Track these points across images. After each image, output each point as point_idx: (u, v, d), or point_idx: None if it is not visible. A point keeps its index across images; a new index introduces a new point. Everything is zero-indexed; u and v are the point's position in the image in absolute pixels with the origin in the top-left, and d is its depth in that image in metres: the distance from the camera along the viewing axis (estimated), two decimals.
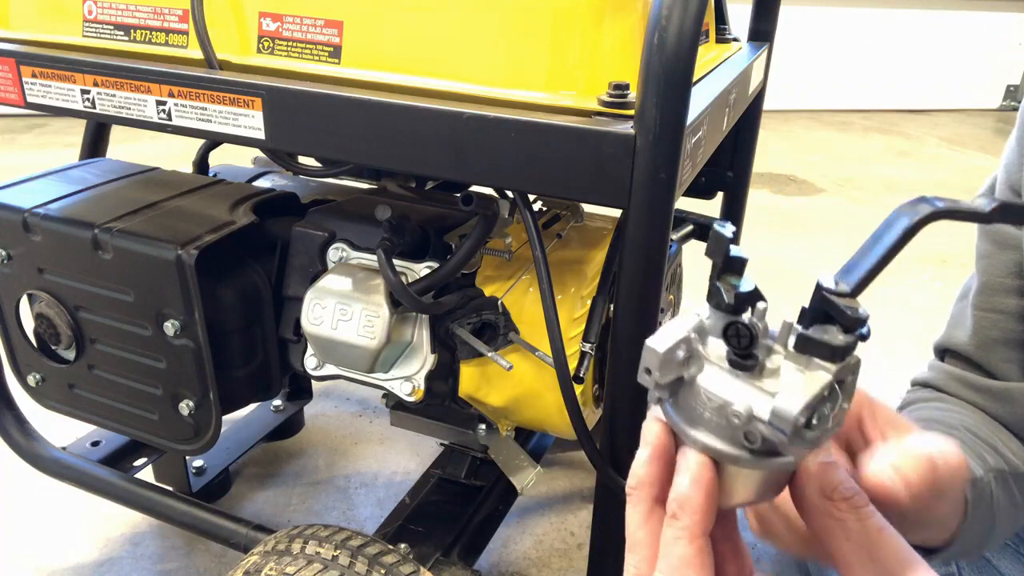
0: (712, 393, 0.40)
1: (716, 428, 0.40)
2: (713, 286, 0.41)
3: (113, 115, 0.79)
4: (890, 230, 0.41)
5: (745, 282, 0.40)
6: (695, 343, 0.41)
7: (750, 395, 0.39)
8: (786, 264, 2.43)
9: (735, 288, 0.40)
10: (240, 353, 0.91)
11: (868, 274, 0.39)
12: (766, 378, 0.39)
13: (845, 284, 0.39)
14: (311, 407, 1.55)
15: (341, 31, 0.72)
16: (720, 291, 0.40)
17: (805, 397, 0.36)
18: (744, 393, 0.39)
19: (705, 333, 0.41)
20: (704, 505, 0.39)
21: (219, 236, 0.84)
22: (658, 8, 0.55)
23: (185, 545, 1.23)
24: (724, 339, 0.40)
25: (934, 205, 0.42)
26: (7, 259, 0.91)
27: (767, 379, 0.39)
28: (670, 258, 0.98)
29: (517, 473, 0.98)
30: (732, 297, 0.39)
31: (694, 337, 0.41)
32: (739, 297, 0.39)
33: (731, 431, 0.39)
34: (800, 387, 0.37)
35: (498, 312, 0.85)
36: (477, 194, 0.76)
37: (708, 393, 0.40)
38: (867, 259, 0.40)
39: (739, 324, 0.39)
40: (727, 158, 1.21)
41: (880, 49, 4.73)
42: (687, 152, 0.62)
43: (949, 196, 0.43)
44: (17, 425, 1.10)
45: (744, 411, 0.38)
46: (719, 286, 0.40)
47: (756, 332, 0.39)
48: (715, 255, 0.41)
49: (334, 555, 0.76)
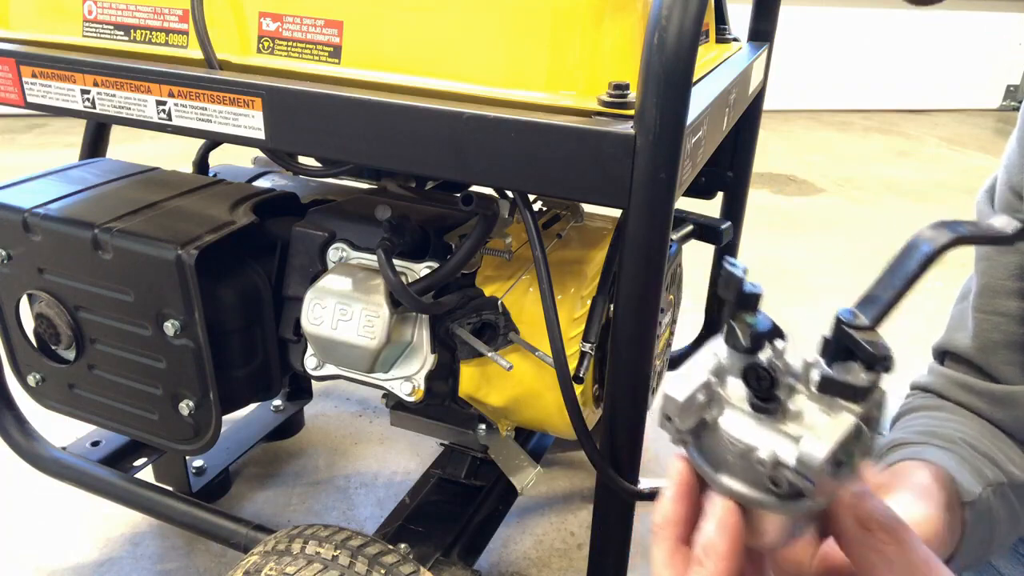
0: (735, 438, 0.39)
1: (741, 473, 0.39)
2: (728, 326, 0.39)
3: (113, 115, 0.79)
4: (909, 258, 0.40)
5: (761, 319, 0.39)
6: (715, 386, 0.40)
7: (774, 440, 0.38)
8: (786, 264, 2.43)
9: (751, 327, 0.39)
10: (240, 353, 0.91)
11: (888, 305, 0.38)
12: (790, 421, 0.38)
13: (865, 317, 0.38)
14: (311, 407, 1.55)
15: (341, 31, 0.72)
16: (736, 331, 0.39)
17: (830, 443, 0.35)
18: (768, 438, 0.38)
19: (724, 374, 0.40)
20: (730, 551, 0.38)
21: (219, 236, 0.84)
22: (658, 8, 0.55)
23: (185, 545, 1.23)
24: (744, 381, 0.39)
25: (956, 231, 0.41)
26: (7, 259, 0.91)
27: (791, 422, 0.38)
28: (670, 258, 0.98)
29: (517, 473, 0.98)
30: (749, 337, 0.38)
31: (714, 380, 0.40)
32: (756, 336, 0.38)
33: (756, 476, 0.38)
34: (825, 432, 0.36)
35: (498, 312, 0.85)
36: (477, 194, 0.76)
37: (731, 438, 0.39)
38: (887, 290, 0.39)
39: (758, 367, 0.38)
40: (727, 158, 1.21)
41: (880, 49, 4.73)
42: (687, 152, 0.62)
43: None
44: (17, 425, 1.10)
45: (769, 457, 0.37)
46: (734, 325, 0.39)
47: (776, 374, 0.38)
48: (728, 293, 0.40)
49: (334, 555, 0.76)
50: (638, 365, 0.67)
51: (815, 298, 2.19)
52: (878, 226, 2.81)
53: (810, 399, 0.38)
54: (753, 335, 0.38)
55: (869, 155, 3.83)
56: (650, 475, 1.53)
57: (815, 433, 0.36)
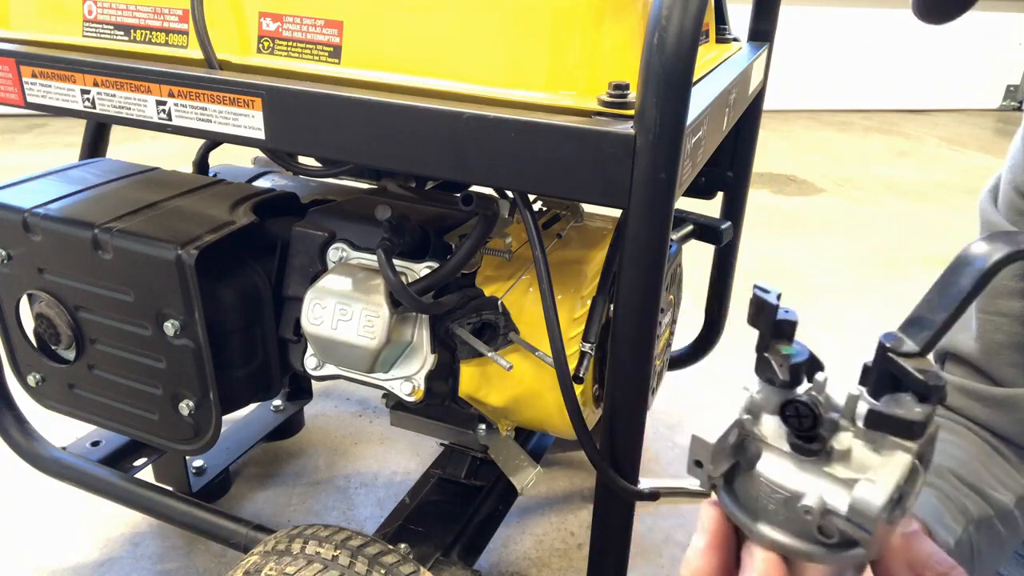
0: (776, 484, 0.35)
1: (784, 522, 0.35)
2: (762, 358, 0.36)
3: (113, 115, 0.79)
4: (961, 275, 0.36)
5: (798, 349, 0.36)
6: (749, 424, 0.37)
7: (821, 485, 0.34)
8: (786, 264, 2.43)
9: (788, 358, 0.35)
10: (240, 353, 0.91)
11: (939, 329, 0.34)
12: (836, 462, 0.35)
13: (912, 341, 0.34)
14: (311, 407, 1.55)
15: (341, 31, 0.72)
16: (771, 364, 0.36)
17: (887, 487, 0.32)
18: (814, 483, 0.34)
19: (759, 410, 0.37)
20: None
21: (219, 236, 0.84)
22: (658, 8, 0.55)
23: (185, 545, 1.23)
24: (783, 420, 0.36)
25: (1017, 243, 0.36)
26: (7, 259, 0.91)
27: (837, 463, 0.35)
28: (670, 258, 0.98)
29: (517, 473, 0.98)
30: (787, 371, 0.35)
31: (747, 418, 0.37)
32: (794, 369, 0.35)
33: (802, 525, 0.35)
34: (881, 474, 0.33)
35: (498, 312, 0.85)
36: (477, 194, 0.76)
37: (772, 484, 0.35)
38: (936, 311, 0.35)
39: (798, 403, 0.35)
40: (727, 158, 1.21)
41: (880, 49, 4.73)
42: (687, 152, 0.62)
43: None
44: (17, 425, 1.10)
45: (816, 505, 0.33)
46: (769, 357, 0.36)
47: (819, 411, 0.34)
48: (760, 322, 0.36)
49: (334, 555, 0.76)
50: (638, 365, 0.67)
51: (815, 298, 2.19)
52: (878, 226, 2.81)
53: (857, 436, 0.35)
54: (791, 368, 0.35)
55: (869, 155, 3.83)
56: (650, 475, 1.53)
57: (868, 476, 0.33)
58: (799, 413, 0.35)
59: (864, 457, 0.34)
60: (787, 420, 0.35)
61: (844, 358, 1.88)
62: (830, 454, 0.35)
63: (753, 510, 0.37)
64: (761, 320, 0.36)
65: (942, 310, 0.35)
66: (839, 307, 2.13)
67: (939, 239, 2.68)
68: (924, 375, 0.32)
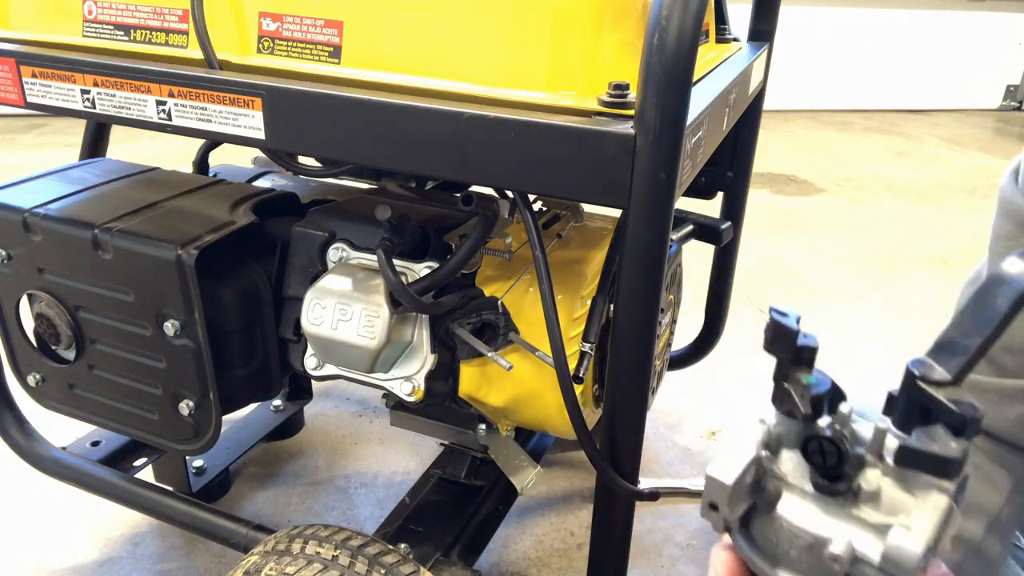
0: (798, 528, 0.32)
1: (808, 570, 0.32)
2: (780, 388, 0.33)
3: (113, 115, 0.79)
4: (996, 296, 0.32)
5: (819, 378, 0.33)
6: (767, 462, 0.34)
7: (849, 530, 0.31)
8: (786, 264, 2.43)
9: (809, 389, 0.32)
10: (240, 353, 0.91)
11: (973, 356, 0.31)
12: (864, 503, 0.32)
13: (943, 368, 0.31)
14: (311, 407, 1.55)
15: (341, 31, 0.72)
16: (791, 395, 0.32)
17: (925, 534, 0.29)
18: (840, 528, 0.31)
19: (777, 445, 0.34)
20: None
21: (219, 236, 0.84)
22: (658, 8, 0.55)
23: (185, 545, 1.23)
24: (805, 457, 0.33)
25: None
26: (7, 259, 0.91)
27: (866, 505, 0.32)
28: (670, 258, 0.98)
29: (517, 473, 0.98)
30: (808, 403, 0.32)
31: (765, 455, 0.34)
32: (816, 401, 0.32)
33: (827, 573, 0.32)
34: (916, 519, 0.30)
35: (498, 312, 0.85)
36: (477, 194, 0.76)
37: (793, 527, 0.33)
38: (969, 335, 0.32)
39: (822, 439, 0.32)
40: (727, 158, 1.21)
41: (880, 49, 4.73)
42: (687, 152, 0.62)
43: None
44: (17, 425, 1.10)
45: (844, 553, 0.31)
46: (789, 388, 0.33)
47: (844, 447, 0.31)
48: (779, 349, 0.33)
49: (334, 555, 0.76)
50: (638, 365, 0.67)
51: (815, 298, 2.19)
52: (878, 226, 2.81)
53: (887, 474, 0.32)
54: (813, 399, 0.32)
55: (869, 155, 3.83)
56: (650, 475, 1.53)
57: (902, 520, 0.30)
58: (823, 450, 0.32)
59: (895, 498, 0.31)
60: (809, 457, 0.33)
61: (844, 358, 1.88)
62: (857, 494, 0.32)
63: (773, 556, 0.34)
64: (779, 346, 0.33)
65: (976, 334, 0.32)
66: (839, 307, 2.13)
67: (939, 239, 2.68)
68: (959, 406, 0.29)
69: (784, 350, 0.33)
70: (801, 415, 0.32)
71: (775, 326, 0.33)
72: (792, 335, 0.33)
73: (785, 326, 0.33)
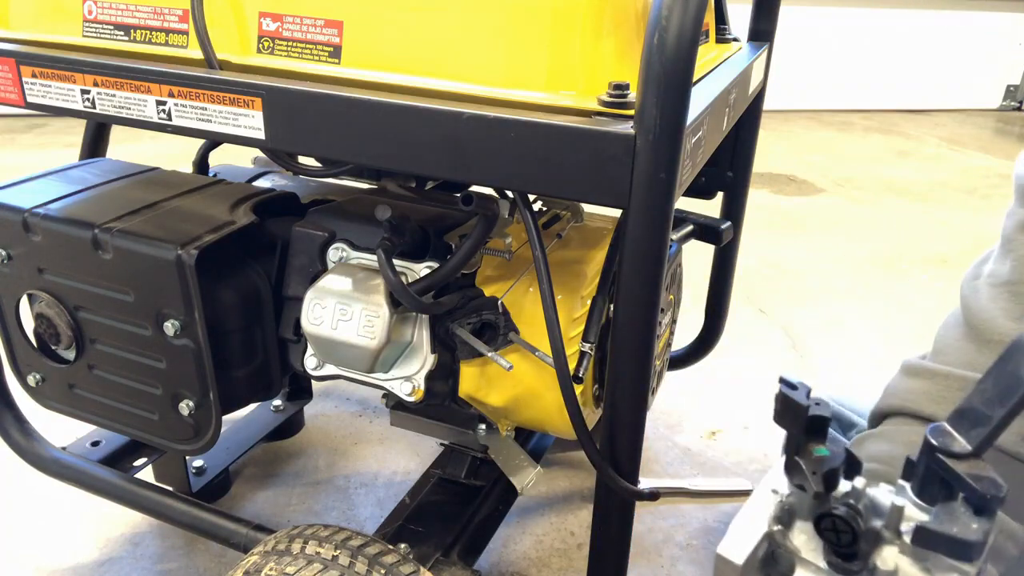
0: None
1: None
2: (791, 461, 0.32)
3: (113, 115, 0.79)
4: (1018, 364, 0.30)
5: (833, 451, 0.31)
6: (780, 536, 0.33)
7: None
8: (786, 264, 2.43)
9: (822, 463, 0.31)
10: (240, 353, 0.91)
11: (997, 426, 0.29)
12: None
13: (964, 439, 0.30)
14: (311, 407, 1.55)
15: (341, 31, 0.72)
16: (803, 469, 0.31)
17: None
18: None
19: (789, 518, 0.33)
20: None
21: (219, 236, 0.84)
22: (658, 8, 0.55)
23: (185, 545, 1.23)
24: (818, 532, 0.32)
25: None
26: (7, 259, 0.91)
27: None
28: (670, 258, 0.98)
29: (517, 473, 0.98)
30: (821, 480, 0.31)
31: (777, 529, 0.33)
32: (830, 477, 0.31)
33: None
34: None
35: (498, 312, 0.85)
36: (477, 194, 0.76)
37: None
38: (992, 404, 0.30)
39: (836, 517, 0.31)
40: (727, 158, 1.21)
41: (880, 49, 4.73)
42: (687, 152, 0.62)
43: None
44: (17, 425, 1.10)
45: None
46: (800, 463, 0.32)
47: (859, 525, 0.30)
48: (789, 423, 0.32)
49: (334, 555, 0.76)
50: (638, 365, 0.67)
51: (815, 298, 2.19)
52: (878, 226, 2.81)
53: (904, 552, 0.30)
54: (826, 476, 0.31)
55: (869, 155, 3.83)
56: (650, 475, 1.53)
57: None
58: (836, 528, 0.31)
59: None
60: (823, 534, 0.32)
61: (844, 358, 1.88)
62: (873, 573, 0.30)
63: None
64: (789, 420, 0.32)
65: (999, 404, 0.30)
66: (839, 307, 2.13)
67: (939, 239, 2.68)
68: (980, 483, 0.28)
69: (796, 424, 0.32)
70: (816, 494, 0.31)
71: (785, 400, 0.32)
72: (802, 410, 0.32)
73: (794, 400, 0.32)
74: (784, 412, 0.33)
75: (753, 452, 1.50)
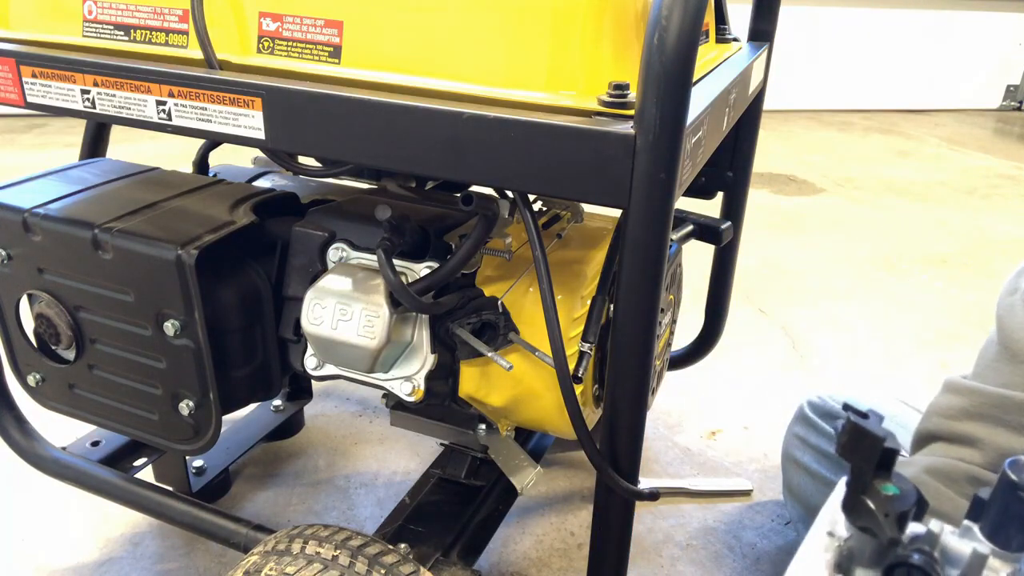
0: None
1: None
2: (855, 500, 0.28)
3: (113, 115, 0.79)
4: None
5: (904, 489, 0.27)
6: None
7: None
8: (786, 264, 2.43)
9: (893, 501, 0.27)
10: (240, 353, 0.91)
11: None
12: None
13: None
14: (311, 407, 1.55)
15: (341, 31, 0.72)
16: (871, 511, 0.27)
17: None
18: None
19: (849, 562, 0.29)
20: None
21: (219, 236, 0.84)
22: (658, 8, 0.55)
23: (185, 545, 1.23)
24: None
25: None
26: (7, 259, 0.91)
27: None
28: (670, 258, 0.98)
29: (517, 473, 0.98)
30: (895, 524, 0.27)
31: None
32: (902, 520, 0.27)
33: None
34: None
35: (498, 312, 0.85)
36: (477, 194, 0.76)
37: None
38: None
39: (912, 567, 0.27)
40: (727, 158, 1.21)
41: (880, 49, 4.73)
42: (687, 152, 0.62)
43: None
44: (17, 425, 1.10)
45: None
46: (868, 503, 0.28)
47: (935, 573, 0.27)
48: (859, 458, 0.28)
49: (334, 555, 0.76)
50: (638, 365, 0.67)
51: (815, 298, 2.19)
52: (878, 226, 2.81)
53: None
54: (899, 518, 0.27)
55: (869, 155, 3.83)
56: (650, 475, 1.53)
57: None
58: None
59: None
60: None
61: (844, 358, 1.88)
62: None
63: None
64: (861, 455, 0.27)
65: None
66: (839, 307, 2.13)
67: (939, 239, 2.68)
68: None
69: (867, 459, 0.28)
70: (887, 538, 0.27)
71: (855, 431, 0.28)
72: (877, 442, 0.27)
73: (868, 430, 0.27)
74: (855, 444, 0.28)
75: (753, 452, 1.50)
